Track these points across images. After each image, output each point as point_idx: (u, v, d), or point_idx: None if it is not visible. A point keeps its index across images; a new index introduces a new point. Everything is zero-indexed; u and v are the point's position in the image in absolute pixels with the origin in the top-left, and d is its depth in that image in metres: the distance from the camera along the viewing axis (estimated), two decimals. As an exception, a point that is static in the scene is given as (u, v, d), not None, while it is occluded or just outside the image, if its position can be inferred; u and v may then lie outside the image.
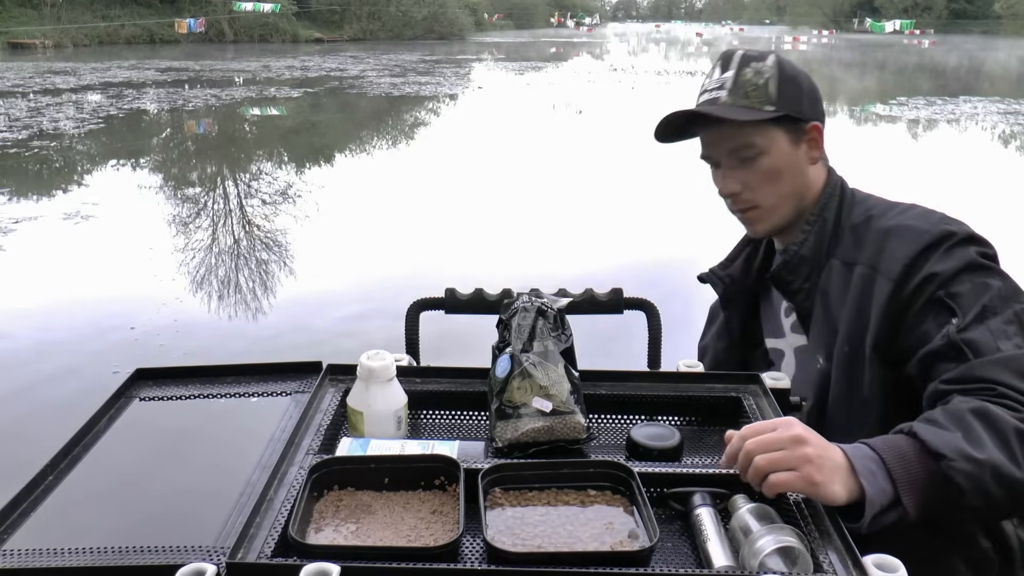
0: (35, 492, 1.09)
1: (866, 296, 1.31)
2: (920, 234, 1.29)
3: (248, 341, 4.56)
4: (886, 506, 1.04)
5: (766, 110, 1.38)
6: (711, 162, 1.47)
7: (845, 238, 1.39)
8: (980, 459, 1.05)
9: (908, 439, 1.09)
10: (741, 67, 1.41)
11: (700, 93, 1.46)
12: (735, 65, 1.42)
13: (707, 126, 1.43)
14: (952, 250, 1.27)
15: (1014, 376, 1.15)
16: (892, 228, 1.33)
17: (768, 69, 1.40)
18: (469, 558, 0.96)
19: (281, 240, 6.64)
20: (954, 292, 1.23)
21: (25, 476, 1.10)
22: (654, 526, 0.96)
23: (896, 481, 1.04)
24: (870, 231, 1.35)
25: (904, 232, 1.31)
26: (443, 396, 1.32)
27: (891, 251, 1.30)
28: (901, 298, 1.27)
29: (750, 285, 1.58)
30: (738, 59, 1.43)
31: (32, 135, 10.91)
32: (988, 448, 1.06)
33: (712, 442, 1.26)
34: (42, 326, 4.69)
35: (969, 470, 1.05)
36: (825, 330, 1.38)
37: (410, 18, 44.56)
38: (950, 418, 1.11)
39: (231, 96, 16.12)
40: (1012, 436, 1.08)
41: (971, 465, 1.05)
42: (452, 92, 18.21)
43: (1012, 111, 14.77)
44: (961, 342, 1.20)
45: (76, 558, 0.95)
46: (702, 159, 1.48)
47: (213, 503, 1.06)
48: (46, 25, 30.29)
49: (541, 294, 1.33)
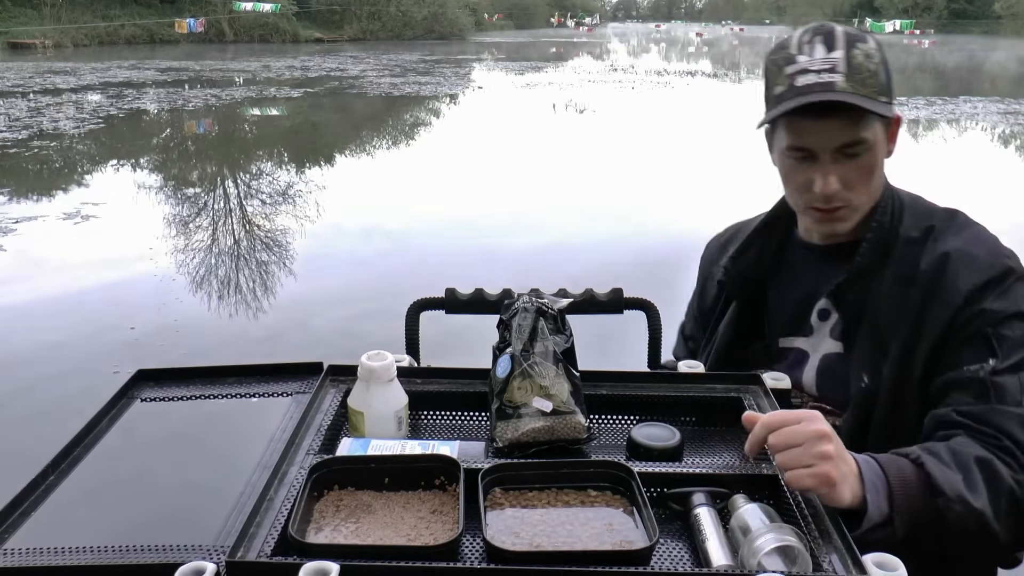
0: (36, 492, 1.09)
1: (922, 322, 1.28)
2: (983, 267, 1.27)
3: (248, 341, 4.57)
4: (878, 523, 1.07)
5: (881, 101, 1.27)
6: (804, 154, 1.31)
7: (899, 249, 1.34)
8: (974, 507, 1.11)
9: (914, 468, 1.13)
10: (849, 47, 1.27)
11: (796, 71, 1.27)
12: (842, 44, 1.27)
13: (819, 116, 1.26)
14: (1011, 288, 1.26)
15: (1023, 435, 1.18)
16: (953, 254, 1.29)
17: (875, 53, 1.28)
18: (469, 557, 0.96)
19: (281, 240, 6.65)
20: (1002, 334, 1.23)
21: (26, 476, 1.10)
22: (654, 526, 0.96)
23: (894, 504, 1.09)
24: (928, 250, 1.31)
25: (966, 261, 1.28)
26: (443, 396, 1.32)
27: (952, 279, 1.27)
28: (953, 327, 1.26)
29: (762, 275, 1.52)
30: (843, 37, 1.28)
31: (32, 135, 10.91)
32: (982, 499, 1.12)
33: (712, 442, 1.26)
34: (42, 326, 4.69)
35: (961, 512, 1.11)
36: (873, 348, 1.34)
37: (410, 18, 44.58)
38: (955, 459, 1.15)
39: (231, 96, 16.12)
40: (1004, 495, 1.14)
41: (964, 509, 1.11)
42: (452, 92, 18.22)
43: (1012, 111, 14.77)
44: (990, 383, 1.21)
45: (76, 557, 0.95)
46: (788, 151, 1.33)
47: (213, 503, 1.06)
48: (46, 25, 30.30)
49: (541, 294, 1.33)
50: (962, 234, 1.33)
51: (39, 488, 1.10)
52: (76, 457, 1.18)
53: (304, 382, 1.38)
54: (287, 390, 1.36)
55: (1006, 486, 1.15)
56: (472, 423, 1.31)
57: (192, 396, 1.37)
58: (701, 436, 1.27)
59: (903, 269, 1.32)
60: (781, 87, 1.29)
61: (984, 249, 1.30)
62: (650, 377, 1.37)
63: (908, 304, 1.30)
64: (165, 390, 1.38)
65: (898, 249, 1.34)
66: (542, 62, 29.04)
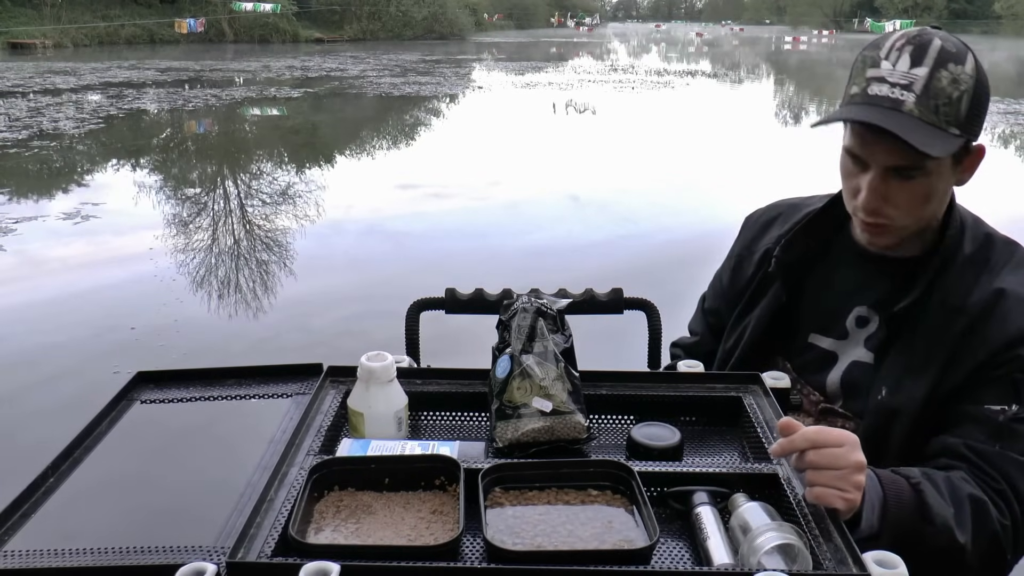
0: (36, 493, 1.09)
1: (958, 353, 1.27)
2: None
3: (248, 341, 4.56)
4: (866, 536, 1.10)
5: (951, 132, 1.19)
6: (857, 161, 1.27)
7: (952, 274, 1.31)
8: (957, 541, 1.16)
9: (911, 491, 1.16)
10: (937, 67, 1.18)
11: (874, 77, 1.22)
12: (931, 61, 1.19)
13: (876, 131, 1.19)
14: None
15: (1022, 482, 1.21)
16: (1008, 293, 1.26)
17: (966, 79, 1.19)
18: (469, 557, 0.96)
19: (281, 240, 6.65)
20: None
21: (26, 478, 1.10)
22: (654, 525, 0.96)
23: (886, 522, 1.13)
24: (982, 282, 1.28)
25: (1016, 305, 1.25)
26: (443, 397, 1.32)
27: (1000, 320, 1.25)
28: (987, 365, 1.25)
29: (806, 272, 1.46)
30: (935, 54, 1.19)
31: (32, 135, 10.91)
32: (967, 535, 1.17)
33: (712, 441, 1.26)
34: (42, 326, 4.69)
35: (945, 544, 1.16)
36: (904, 366, 1.31)
37: (410, 18, 44.58)
38: (951, 492, 1.18)
39: (231, 96, 16.12)
40: (988, 536, 1.19)
41: (947, 542, 1.16)
42: (452, 92, 18.22)
43: (1012, 111, 14.77)
44: (1007, 428, 1.22)
45: (77, 558, 0.95)
46: (847, 153, 1.28)
47: (214, 504, 1.06)
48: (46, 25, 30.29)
49: (541, 294, 1.33)
50: (1020, 271, 1.30)
51: (39, 490, 1.10)
52: (76, 459, 1.18)
53: (304, 383, 1.38)
54: (287, 391, 1.36)
55: (992, 528, 1.19)
56: (472, 423, 1.32)
57: (192, 398, 1.37)
58: (701, 436, 1.27)
59: (953, 296, 1.29)
60: (856, 88, 1.24)
61: None
62: (650, 377, 1.37)
63: (950, 332, 1.28)
64: (165, 392, 1.38)
65: (952, 274, 1.31)
66: (542, 62, 29.04)
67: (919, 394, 1.29)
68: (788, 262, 1.46)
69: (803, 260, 1.46)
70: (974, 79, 1.21)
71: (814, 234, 1.45)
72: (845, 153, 1.29)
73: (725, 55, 37.88)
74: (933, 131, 1.18)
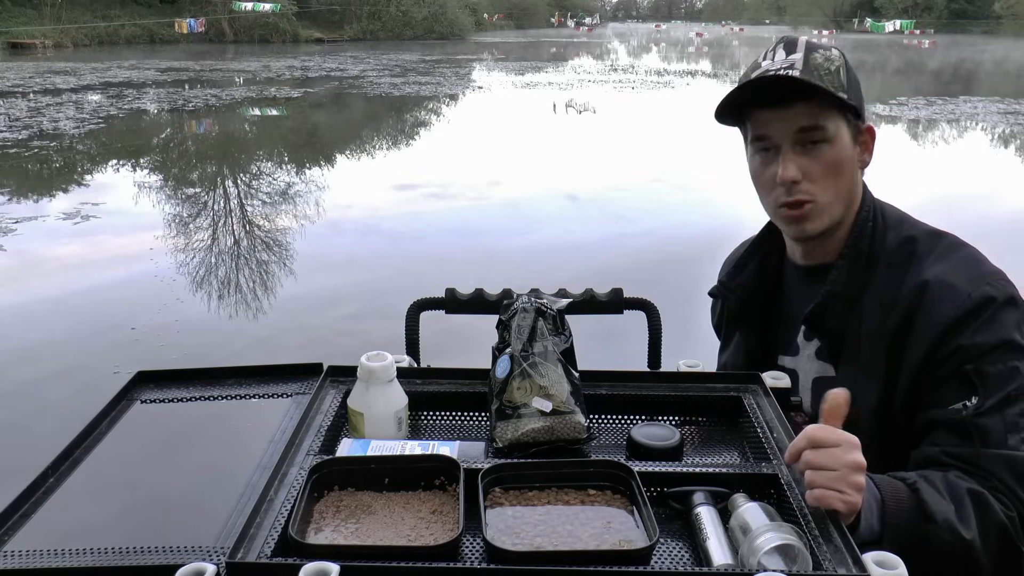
0: (36, 493, 1.09)
1: (901, 351, 1.28)
2: (960, 298, 1.25)
3: (248, 341, 4.57)
4: (867, 540, 1.10)
5: (840, 95, 1.29)
6: (766, 145, 1.34)
7: (880, 273, 1.33)
8: (963, 537, 1.15)
9: (908, 492, 1.16)
10: (809, 51, 1.32)
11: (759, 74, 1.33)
12: (801, 49, 1.32)
13: (775, 104, 1.31)
14: (991, 320, 1.24)
15: (1011, 477, 1.21)
16: (931, 283, 1.27)
17: (836, 58, 1.33)
18: (469, 557, 0.96)
19: (281, 240, 6.65)
20: (982, 371, 1.23)
21: (26, 478, 1.10)
22: (654, 525, 0.96)
23: (885, 525, 1.12)
24: (909, 276, 1.30)
25: (944, 292, 1.26)
26: (443, 397, 1.32)
27: (928, 312, 1.26)
28: (933, 361, 1.26)
29: (765, 296, 1.51)
30: (804, 44, 1.33)
31: (32, 135, 10.91)
32: (972, 530, 1.16)
33: (712, 442, 1.26)
34: (43, 326, 4.69)
35: (950, 541, 1.15)
36: (855, 373, 1.33)
37: (410, 18, 44.59)
38: (949, 489, 1.18)
39: (231, 96, 16.12)
40: (995, 528, 1.17)
41: (953, 538, 1.15)
42: (452, 92, 18.22)
43: (1012, 111, 14.77)
44: (973, 426, 1.22)
45: (77, 559, 0.95)
46: (753, 143, 1.37)
47: (213, 504, 1.06)
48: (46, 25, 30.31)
49: (541, 294, 1.33)
50: (944, 260, 1.30)
51: (39, 490, 1.10)
52: (76, 459, 1.18)
53: (304, 383, 1.38)
54: (287, 391, 1.36)
55: (997, 520, 1.17)
56: (472, 423, 1.31)
57: (192, 397, 1.37)
58: (701, 436, 1.27)
59: (883, 294, 1.31)
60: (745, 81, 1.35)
61: (964, 277, 1.27)
62: (650, 377, 1.37)
63: (887, 331, 1.30)
64: (165, 391, 1.38)
65: (879, 273, 1.33)
66: (542, 62, 29.04)
67: (873, 401, 1.30)
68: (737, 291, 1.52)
69: (756, 289, 1.51)
70: (843, 59, 1.34)
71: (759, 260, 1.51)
72: (752, 149, 1.37)
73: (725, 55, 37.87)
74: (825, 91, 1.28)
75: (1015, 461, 1.21)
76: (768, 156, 1.34)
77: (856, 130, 1.35)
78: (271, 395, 1.36)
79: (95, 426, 1.26)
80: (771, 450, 1.14)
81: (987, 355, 1.23)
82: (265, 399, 1.35)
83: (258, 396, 1.36)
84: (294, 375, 1.40)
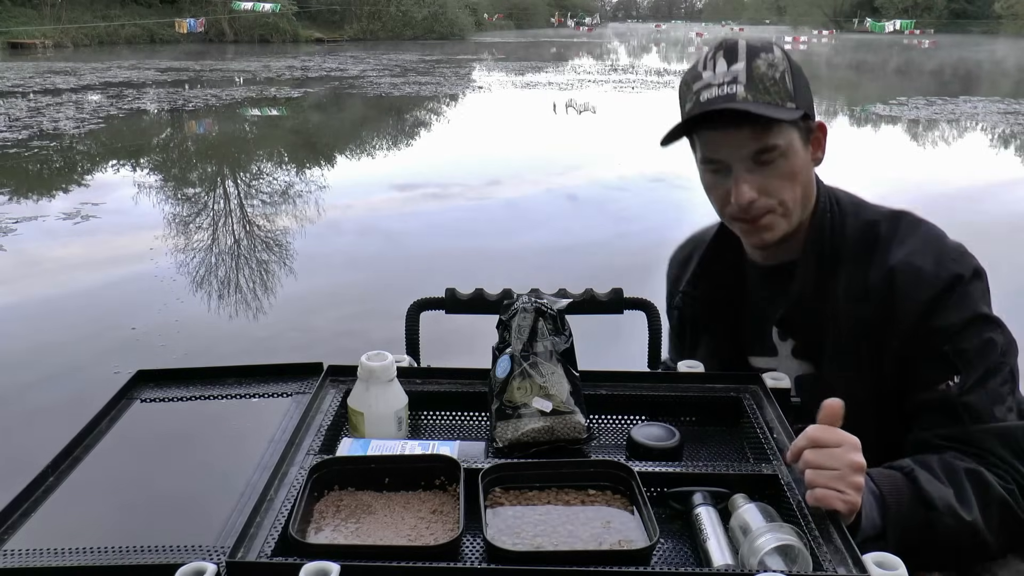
0: (36, 493, 1.09)
1: (881, 340, 1.29)
2: (929, 281, 1.25)
3: (248, 341, 4.56)
4: (871, 536, 1.10)
5: (789, 107, 1.26)
6: (717, 167, 1.31)
7: (846, 266, 1.33)
8: (965, 520, 1.16)
9: (906, 481, 1.16)
10: (751, 58, 1.26)
11: (701, 87, 1.28)
12: (743, 56, 1.27)
13: (725, 126, 1.27)
14: (962, 298, 1.25)
15: (1004, 448, 1.21)
16: (898, 269, 1.27)
17: (779, 61, 1.28)
18: (469, 557, 0.96)
19: (281, 240, 6.65)
20: (960, 348, 1.24)
21: (26, 477, 1.10)
22: (654, 525, 0.96)
23: (887, 518, 1.13)
24: (875, 264, 1.30)
25: (912, 277, 1.26)
26: (443, 397, 1.32)
27: (901, 299, 1.26)
28: (912, 347, 1.26)
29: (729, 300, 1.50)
30: (744, 50, 1.27)
31: (32, 135, 10.91)
32: (974, 511, 1.16)
33: (712, 442, 1.26)
34: (43, 326, 4.69)
35: (952, 525, 1.15)
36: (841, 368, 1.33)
37: (410, 18, 44.58)
38: (946, 472, 1.19)
39: (231, 96, 16.12)
40: (995, 506, 1.18)
41: (955, 522, 1.15)
42: (452, 92, 18.22)
43: (1012, 111, 14.76)
44: (960, 405, 1.23)
45: (76, 558, 0.95)
46: (704, 164, 1.33)
47: (213, 503, 1.06)
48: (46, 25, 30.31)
49: (541, 294, 1.33)
50: (907, 242, 1.30)
51: (39, 489, 1.10)
52: (76, 458, 1.18)
53: (304, 382, 1.38)
54: (287, 390, 1.36)
55: (997, 496, 1.18)
56: (472, 423, 1.32)
57: (192, 397, 1.37)
58: (701, 436, 1.27)
59: (853, 287, 1.31)
60: (689, 103, 1.30)
61: (930, 259, 1.27)
62: (650, 377, 1.37)
63: (863, 322, 1.30)
64: (165, 391, 1.38)
65: (845, 265, 1.32)
66: (542, 62, 29.03)
67: (863, 394, 1.29)
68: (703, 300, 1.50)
69: (718, 290, 1.49)
70: (786, 60, 1.29)
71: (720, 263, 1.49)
72: (703, 167, 1.34)
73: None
74: (771, 107, 1.25)
75: (1006, 432, 1.22)
76: (719, 174, 1.32)
77: (808, 131, 1.32)
78: (271, 395, 1.36)
79: (95, 425, 1.26)
80: (771, 450, 1.14)
81: (962, 332, 1.24)
82: (265, 399, 1.35)
83: (258, 396, 1.36)
84: (294, 375, 1.40)
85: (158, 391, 1.38)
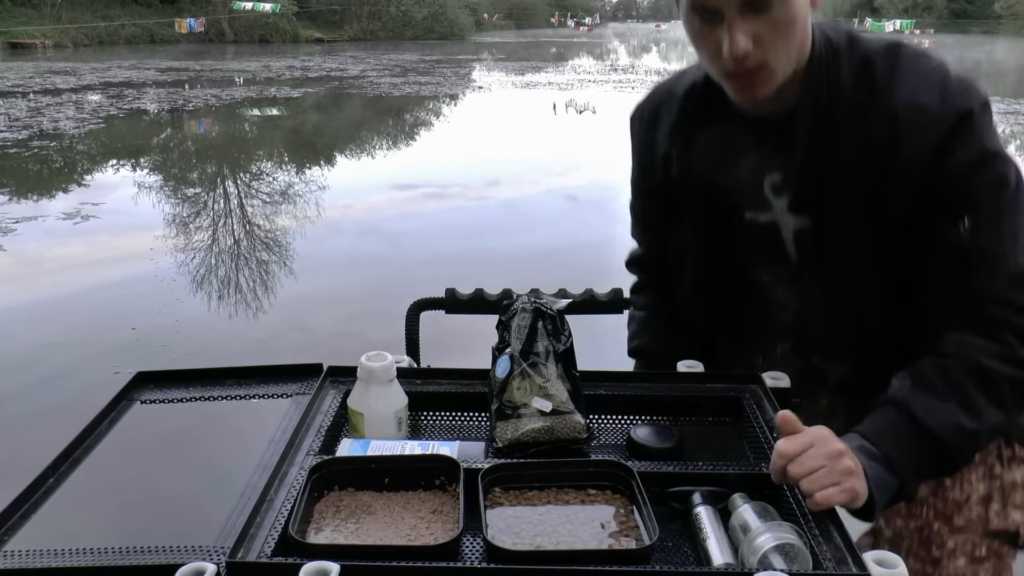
0: (36, 494, 1.09)
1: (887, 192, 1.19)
2: (935, 121, 1.15)
3: (248, 341, 4.56)
4: (897, 496, 1.08)
5: None
6: (710, 14, 1.16)
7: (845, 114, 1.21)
8: (977, 430, 1.12)
9: (902, 418, 1.12)
10: None
11: None
12: None
13: None
14: (970, 133, 1.16)
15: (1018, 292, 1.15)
16: (901, 112, 1.16)
17: None
18: (469, 557, 0.96)
19: (281, 240, 6.65)
20: (971, 189, 1.16)
21: (26, 478, 1.10)
22: (654, 525, 0.96)
23: (900, 472, 1.09)
24: (874, 107, 1.19)
25: (917, 118, 1.16)
26: (443, 397, 1.32)
27: (906, 140, 1.16)
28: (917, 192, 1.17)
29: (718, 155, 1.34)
30: None
31: (32, 135, 10.91)
32: (984, 416, 1.12)
33: (712, 441, 1.26)
34: (42, 326, 4.69)
35: (964, 443, 1.12)
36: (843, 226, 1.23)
37: (410, 18, 44.56)
38: (947, 384, 1.13)
39: (231, 96, 16.12)
40: (1007, 392, 1.13)
41: (967, 439, 1.12)
42: (452, 92, 18.21)
43: (1012, 111, 14.77)
44: (974, 249, 1.15)
45: (76, 558, 0.95)
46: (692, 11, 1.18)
47: (213, 504, 1.06)
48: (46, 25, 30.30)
49: (541, 294, 1.33)
50: (906, 79, 1.18)
51: (39, 490, 1.10)
52: (76, 459, 1.18)
53: (304, 383, 1.38)
54: (287, 391, 1.36)
55: (1005, 378, 1.13)
56: (472, 423, 1.32)
57: (192, 398, 1.37)
58: (701, 436, 1.27)
59: (854, 133, 1.20)
60: None
61: (934, 96, 1.16)
62: (650, 377, 1.37)
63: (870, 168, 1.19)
64: (165, 392, 1.38)
65: (844, 112, 1.20)
66: (542, 62, 29.03)
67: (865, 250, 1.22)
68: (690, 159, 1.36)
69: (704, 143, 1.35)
70: None
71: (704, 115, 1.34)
72: (691, 15, 1.19)
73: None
74: None
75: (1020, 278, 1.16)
76: (709, 23, 1.17)
77: None
78: (271, 395, 1.36)
79: (95, 426, 1.26)
80: (771, 450, 1.14)
81: (972, 171, 1.16)
82: (265, 399, 1.35)
83: (258, 396, 1.36)
84: (294, 375, 1.40)
85: (158, 392, 1.38)
